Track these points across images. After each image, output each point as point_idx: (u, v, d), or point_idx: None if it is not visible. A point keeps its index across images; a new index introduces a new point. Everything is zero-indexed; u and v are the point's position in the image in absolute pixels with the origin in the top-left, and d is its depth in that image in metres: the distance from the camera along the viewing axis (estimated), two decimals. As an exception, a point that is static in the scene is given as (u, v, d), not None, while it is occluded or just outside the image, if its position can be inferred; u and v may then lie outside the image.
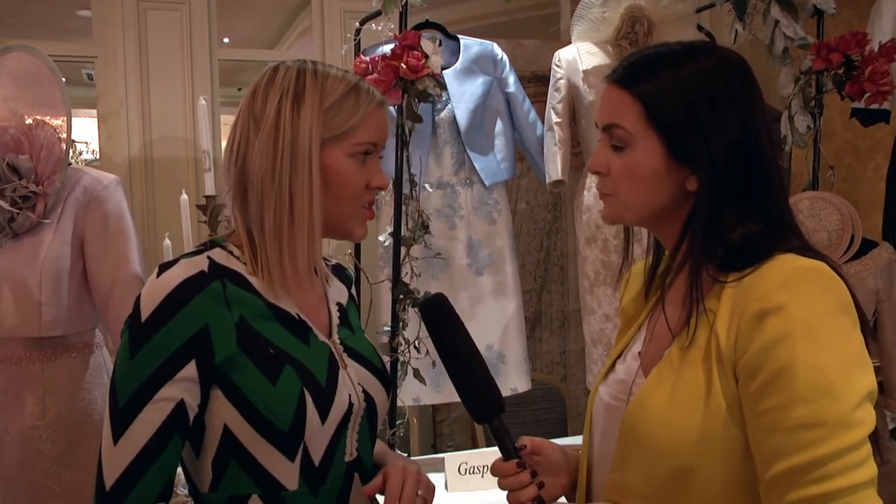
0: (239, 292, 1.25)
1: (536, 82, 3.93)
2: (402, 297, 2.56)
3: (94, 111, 3.79)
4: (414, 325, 2.53)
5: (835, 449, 1.01)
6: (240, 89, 7.91)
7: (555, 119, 3.06)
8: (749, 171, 1.19)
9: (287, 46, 5.79)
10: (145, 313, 1.17)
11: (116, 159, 3.69)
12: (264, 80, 1.31)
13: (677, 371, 1.17)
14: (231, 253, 1.30)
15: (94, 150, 6.73)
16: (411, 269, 2.58)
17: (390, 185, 2.52)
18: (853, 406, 1.03)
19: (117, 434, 1.17)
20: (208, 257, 1.27)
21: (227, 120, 4.47)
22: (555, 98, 3.09)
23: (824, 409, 1.02)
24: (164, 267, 1.23)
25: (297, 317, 1.32)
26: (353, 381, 1.35)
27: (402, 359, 2.57)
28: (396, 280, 2.57)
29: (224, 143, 1.53)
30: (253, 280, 1.28)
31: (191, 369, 1.18)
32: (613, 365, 1.38)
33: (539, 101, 3.27)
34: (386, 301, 2.82)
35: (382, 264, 2.97)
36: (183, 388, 1.18)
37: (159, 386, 1.16)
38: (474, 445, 3.63)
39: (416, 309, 2.55)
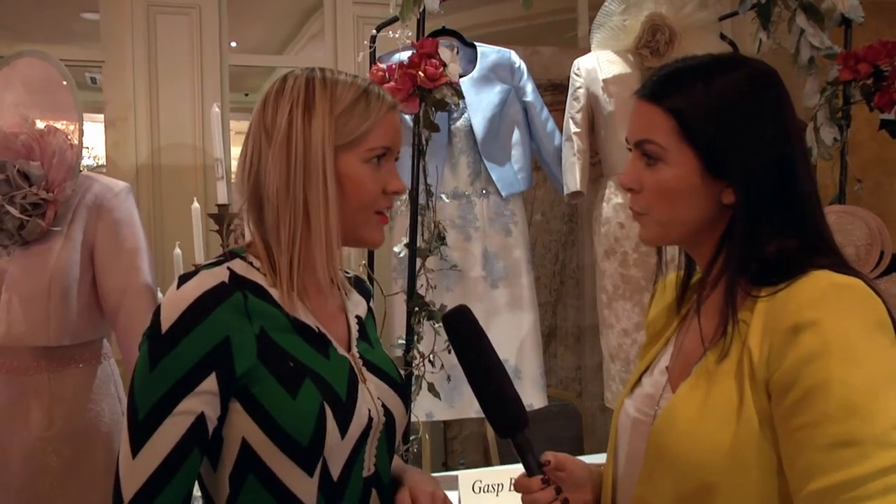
0: (260, 304, 1.27)
1: (553, 90, 3.95)
2: (417, 309, 2.57)
3: (97, 116, 3.82)
4: (429, 339, 2.54)
5: (874, 468, 1.01)
6: (247, 95, 7.94)
7: (573, 129, 3.07)
8: (784, 183, 1.20)
9: (297, 51, 5.82)
10: (166, 325, 1.19)
11: (123, 166, 3.71)
12: (274, 91, 1.34)
13: (707, 385, 1.18)
14: (251, 264, 1.32)
15: (95, 156, 6.75)
16: (427, 280, 2.59)
17: (405, 195, 2.54)
18: (890, 426, 1.03)
19: (136, 447, 1.17)
20: (229, 268, 1.28)
21: (235, 127, 4.50)
22: (573, 107, 3.10)
23: (858, 428, 1.02)
24: (185, 278, 1.24)
25: (316, 330, 1.33)
26: (372, 395, 1.36)
27: (416, 373, 2.58)
28: (412, 292, 2.58)
29: (234, 151, 1.54)
30: (273, 292, 1.30)
31: (211, 382, 1.19)
32: (640, 379, 1.39)
33: (556, 109, 3.29)
34: (400, 313, 2.84)
35: (396, 276, 2.98)
36: (203, 400, 1.19)
37: (179, 399, 1.18)
38: (486, 463, 3.63)
39: (432, 322, 2.56)
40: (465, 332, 1.34)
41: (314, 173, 1.27)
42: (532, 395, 3.06)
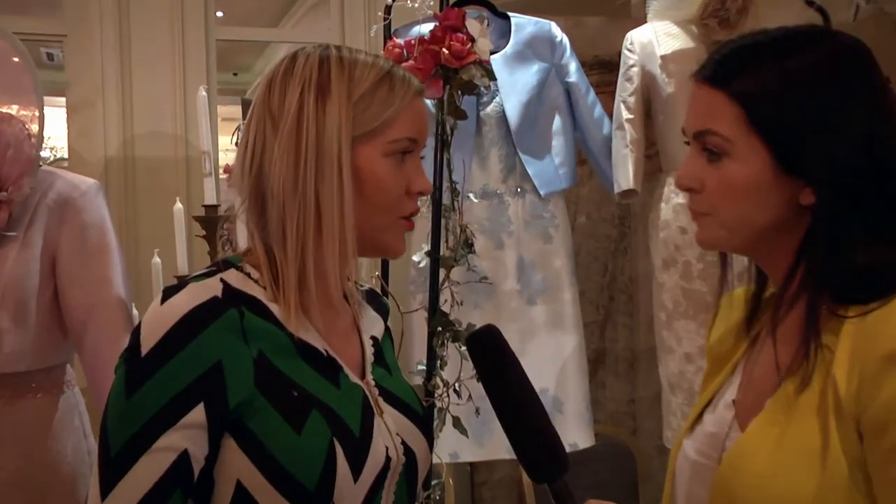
0: (258, 322, 1.28)
1: (601, 69, 3.95)
2: (440, 329, 2.59)
3: (57, 99, 3.83)
4: (454, 364, 2.56)
5: None
6: (236, 74, 7.98)
7: (625, 115, 3.09)
8: (876, 180, 1.20)
9: (294, 23, 5.84)
10: (147, 346, 1.20)
11: (90, 159, 3.73)
12: (281, 71, 1.35)
13: (784, 423, 1.18)
14: (248, 275, 1.33)
15: (54, 147, 6.74)
16: (451, 295, 2.61)
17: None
18: None
19: (107, 489, 1.18)
20: (222, 280, 1.29)
21: (223, 112, 4.51)
22: (626, 89, 3.11)
23: None
24: (170, 292, 1.25)
25: (325, 353, 1.35)
26: (390, 430, 1.38)
27: (439, 405, 2.60)
28: (434, 309, 2.59)
29: (222, 141, 1.56)
30: (273, 308, 1.31)
31: (198, 414, 1.20)
32: (701, 415, 1.40)
33: (605, 91, 3.30)
34: (420, 334, 2.86)
35: (415, 289, 3.00)
36: (187, 436, 1.20)
37: (160, 433, 1.18)
38: (521, 514, 3.64)
39: (457, 344, 2.57)
40: (492, 356, 1.34)
41: (328, 167, 1.29)
42: (576, 433, 3.08)
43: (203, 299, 1.24)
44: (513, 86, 3.04)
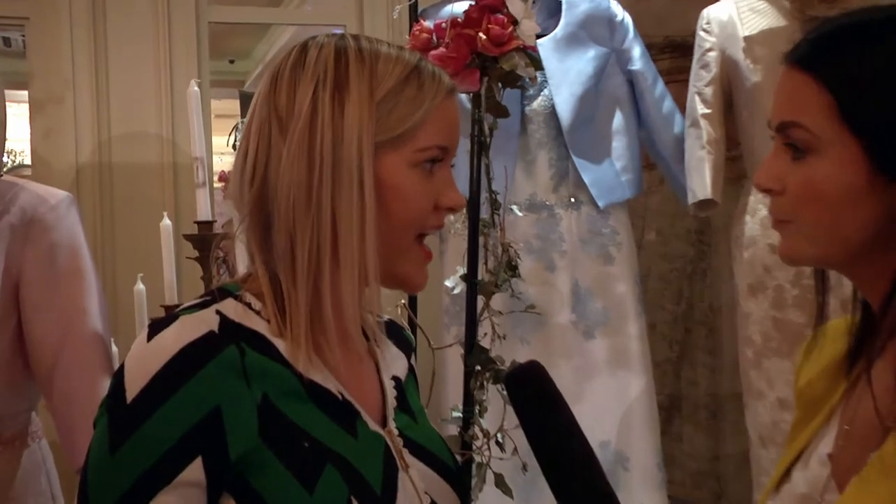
0: (262, 361, 1.30)
1: (672, 53, 3.96)
2: (478, 368, 2.60)
3: (17, 93, 3.86)
4: (496, 410, 2.56)
5: None
6: (232, 62, 8.01)
7: (702, 109, 3.10)
8: None
9: (300, 2, 5.87)
10: (132, 391, 1.22)
11: (58, 165, 3.77)
12: (289, 64, 1.37)
13: (891, 483, 1.18)
14: (249, 306, 1.35)
15: (12, 151, 6.74)
16: (492, 328, 2.61)
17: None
18: None
19: None
20: (218, 312, 1.31)
21: (217, 108, 4.53)
22: (702, 78, 3.12)
23: None
24: (158, 326, 1.27)
25: (339, 396, 1.36)
26: (416, 487, 1.40)
27: (478, 459, 2.60)
28: (471, 344, 2.61)
29: (217, 142, 1.57)
30: (279, 344, 1.33)
31: (196, 470, 1.21)
32: (789, 471, 1.40)
33: (676, 80, 3.31)
34: (455, 374, 2.87)
35: (449, 321, 3.03)
36: (184, 496, 1.21)
37: (152, 494, 1.19)
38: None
39: (500, 386, 2.57)
40: (536, 399, 1.35)
41: (346, 178, 1.30)
42: (644, 494, 3.08)
43: (197, 335, 1.25)
44: (564, 76, 3.06)
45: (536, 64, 2.59)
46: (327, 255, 1.31)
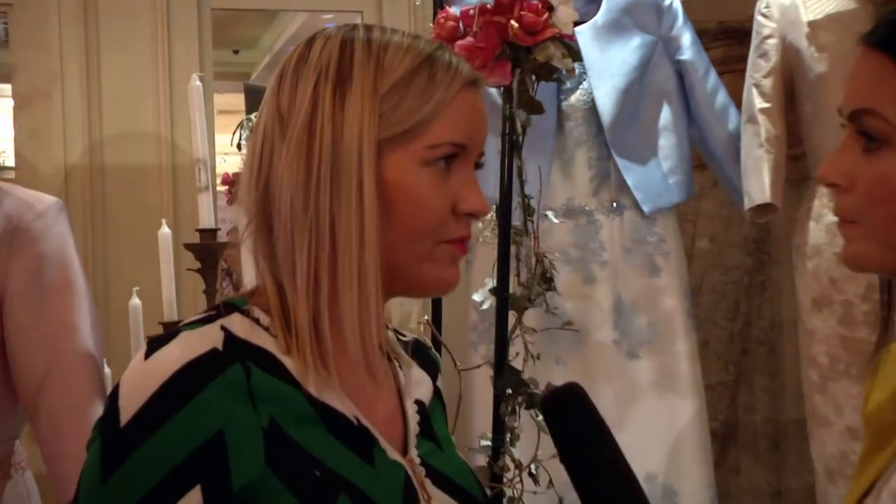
0: (270, 382, 1.31)
1: (727, 40, 3.96)
2: (510, 392, 2.61)
3: (2, 87, 3.88)
4: (529, 438, 2.57)
5: None
6: (237, 52, 8.03)
7: (759, 103, 3.11)
8: None
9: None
10: (127, 414, 1.23)
11: (45, 167, 3.80)
12: (294, 59, 1.39)
13: None
14: (257, 321, 1.37)
15: None
16: (525, 347, 2.63)
17: (492, 212, 2.58)
18: None
19: None
20: (224, 328, 1.32)
21: (220, 103, 4.54)
22: (760, 69, 3.13)
23: None
24: (156, 344, 1.28)
25: (355, 420, 1.38)
26: (440, 522, 1.41)
27: (509, 493, 2.60)
28: (501, 365, 2.62)
29: (220, 141, 1.57)
30: (288, 362, 1.34)
31: (194, 500, 1.22)
32: (859, 505, 1.41)
33: (732, 71, 3.31)
34: (483, 398, 2.86)
35: (477, 339, 3.04)
36: None
37: None
38: None
39: (533, 411, 2.58)
40: (575, 425, 1.35)
41: (345, 179, 1.31)
42: (695, 534, 3.08)
43: (199, 353, 1.26)
44: (605, 67, 3.08)
45: (574, 54, 2.59)
46: (325, 263, 1.32)
